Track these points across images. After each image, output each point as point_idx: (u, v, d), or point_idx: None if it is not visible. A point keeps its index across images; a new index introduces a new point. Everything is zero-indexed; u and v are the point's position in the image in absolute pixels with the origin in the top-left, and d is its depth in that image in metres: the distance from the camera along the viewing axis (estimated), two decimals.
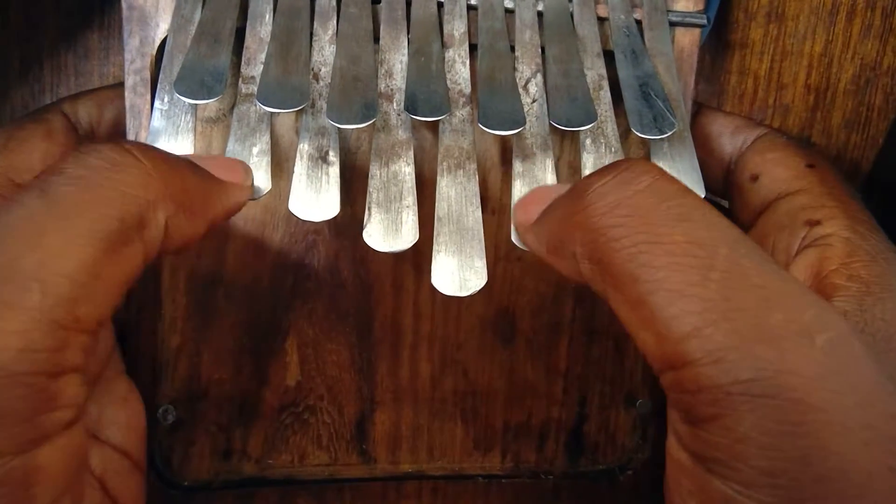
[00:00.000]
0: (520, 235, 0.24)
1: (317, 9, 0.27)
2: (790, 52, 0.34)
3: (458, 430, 0.31)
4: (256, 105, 0.25)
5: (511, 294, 0.30)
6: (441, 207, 0.25)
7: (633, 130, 0.26)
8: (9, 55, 0.32)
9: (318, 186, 0.25)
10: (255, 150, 0.25)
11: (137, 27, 0.26)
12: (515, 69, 0.28)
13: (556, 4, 0.29)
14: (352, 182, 0.28)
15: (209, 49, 0.25)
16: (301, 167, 0.25)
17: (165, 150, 0.21)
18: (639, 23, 0.29)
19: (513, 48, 0.28)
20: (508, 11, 0.28)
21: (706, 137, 0.30)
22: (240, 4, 0.27)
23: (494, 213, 0.29)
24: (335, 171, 0.25)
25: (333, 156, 0.25)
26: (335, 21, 0.27)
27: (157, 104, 0.25)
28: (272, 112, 0.24)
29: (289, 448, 0.30)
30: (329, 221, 0.25)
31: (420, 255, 0.29)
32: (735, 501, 0.16)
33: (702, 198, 0.20)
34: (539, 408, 0.31)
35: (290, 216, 0.24)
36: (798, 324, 0.17)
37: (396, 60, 0.27)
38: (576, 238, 0.20)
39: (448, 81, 0.27)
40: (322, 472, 0.31)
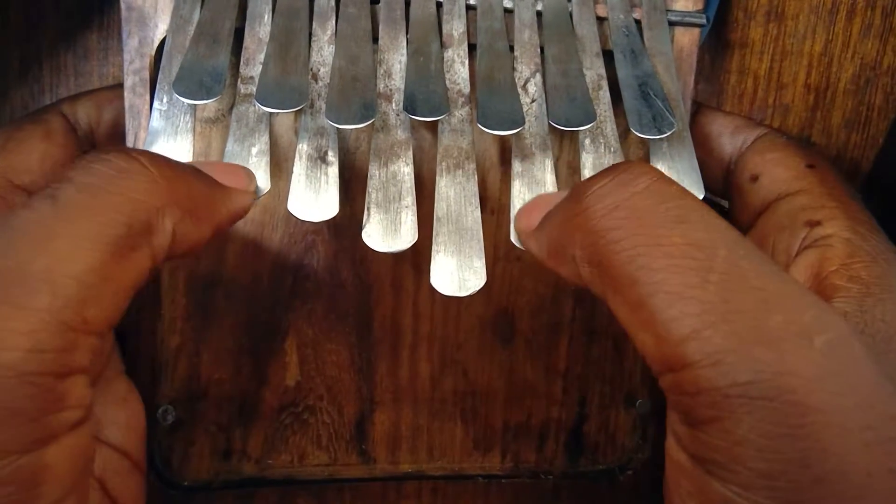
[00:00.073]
0: (522, 241, 0.24)
1: (315, 9, 0.27)
2: (790, 52, 0.34)
3: (458, 430, 0.31)
4: (255, 105, 0.25)
5: (510, 294, 0.30)
6: (440, 207, 0.25)
7: (633, 130, 0.26)
8: (8, 55, 0.32)
9: (317, 187, 0.25)
10: (254, 151, 0.25)
11: (136, 28, 0.26)
12: (514, 69, 0.27)
13: (555, 4, 0.29)
14: (351, 182, 0.28)
15: (208, 49, 0.25)
16: (300, 167, 0.25)
17: (171, 158, 0.21)
18: (638, 22, 0.29)
19: (512, 48, 0.28)
20: (507, 11, 0.28)
21: (706, 137, 0.30)
22: (238, 5, 0.27)
23: (493, 213, 0.29)
24: (334, 172, 0.25)
25: (332, 156, 0.25)
26: (334, 21, 0.27)
27: (156, 104, 0.25)
28: (271, 112, 0.24)
29: (288, 448, 0.30)
30: (328, 222, 0.25)
31: (419, 256, 0.29)
32: (734, 503, 0.16)
33: (700, 199, 0.20)
34: (539, 408, 0.31)
35: (290, 216, 0.24)
36: (797, 325, 0.17)
37: (395, 60, 0.27)
38: (575, 241, 0.20)
39: (447, 81, 0.27)
40: (322, 472, 0.30)
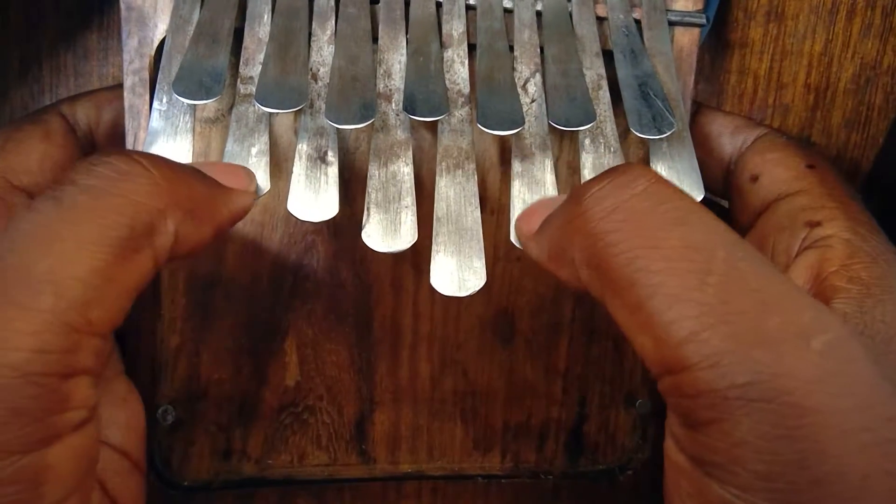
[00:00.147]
0: (523, 246, 0.24)
1: (315, 9, 0.27)
2: (790, 52, 0.34)
3: (458, 430, 0.31)
4: (255, 105, 0.25)
5: (510, 294, 0.30)
6: (440, 207, 0.25)
7: (632, 130, 0.26)
8: (8, 56, 0.32)
9: (317, 187, 0.25)
10: (254, 151, 0.25)
11: (136, 28, 0.26)
12: (514, 69, 0.27)
13: (555, 4, 0.29)
14: (351, 182, 0.28)
15: (207, 49, 0.25)
16: (300, 167, 0.25)
17: (172, 160, 0.21)
18: (638, 22, 0.29)
19: (511, 48, 0.28)
20: (507, 11, 0.28)
21: (706, 137, 0.30)
22: (238, 5, 0.27)
23: (493, 214, 0.29)
24: (334, 172, 0.25)
25: (332, 156, 0.25)
26: (333, 21, 0.27)
27: (156, 105, 0.25)
28: (271, 112, 0.24)
29: (288, 448, 0.30)
30: (328, 222, 0.25)
31: (419, 256, 0.29)
32: None
33: (698, 201, 0.20)
34: (539, 408, 0.31)
35: (289, 216, 0.24)
36: (795, 327, 0.17)
37: (395, 60, 0.27)
38: (574, 244, 0.20)
39: (447, 81, 0.27)
40: (321, 473, 0.30)
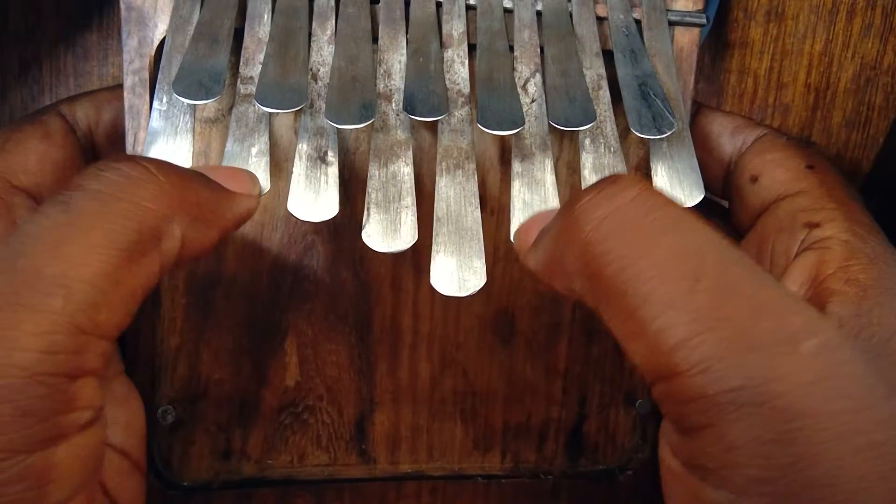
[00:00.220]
0: (522, 260, 0.24)
1: (315, 9, 0.27)
2: (790, 52, 0.34)
3: (458, 431, 0.31)
4: (255, 105, 0.25)
5: (510, 294, 0.30)
6: (440, 207, 0.25)
7: (632, 130, 0.26)
8: (8, 56, 0.32)
9: (317, 187, 0.25)
10: (254, 151, 0.25)
11: (136, 28, 0.26)
12: (514, 69, 0.27)
13: (555, 4, 0.29)
14: (351, 182, 0.28)
15: (207, 49, 0.25)
16: (300, 167, 0.25)
17: (179, 165, 0.22)
18: (638, 22, 0.29)
19: (511, 48, 0.28)
20: (507, 11, 0.28)
21: (706, 137, 0.30)
22: (238, 5, 0.27)
23: (493, 214, 0.29)
24: (334, 172, 0.25)
25: (332, 156, 0.25)
26: (333, 21, 0.27)
27: (156, 105, 0.25)
28: (271, 112, 0.24)
29: (288, 448, 0.30)
30: (328, 222, 0.25)
31: (419, 256, 0.29)
32: None
33: (689, 208, 0.20)
34: (538, 408, 0.31)
35: (289, 216, 0.24)
36: (785, 331, 0.17)
37: (395, 60, 0.27)
38: (567, 254, 0.20)
39: (447, 81, 0.27)
40: (321, 473, 0.30)
